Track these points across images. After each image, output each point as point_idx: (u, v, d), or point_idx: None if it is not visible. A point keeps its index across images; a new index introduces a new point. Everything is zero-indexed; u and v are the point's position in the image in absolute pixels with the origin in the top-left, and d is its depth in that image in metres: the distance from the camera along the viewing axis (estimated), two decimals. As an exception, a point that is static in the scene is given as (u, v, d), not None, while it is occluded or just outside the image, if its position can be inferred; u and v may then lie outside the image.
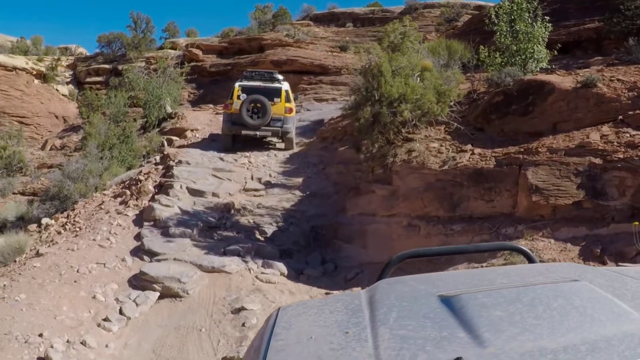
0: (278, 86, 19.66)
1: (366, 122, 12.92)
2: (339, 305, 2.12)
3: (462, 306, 1.84)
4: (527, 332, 1.64)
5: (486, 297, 1.90)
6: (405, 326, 1.77)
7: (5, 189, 24.18)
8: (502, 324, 1.69)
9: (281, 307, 2.27)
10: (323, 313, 2.06)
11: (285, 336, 1.89)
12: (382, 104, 12.70)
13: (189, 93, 36.08)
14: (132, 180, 17.26)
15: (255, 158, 18.77)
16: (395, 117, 12.66)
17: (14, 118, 40.34)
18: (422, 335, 1.69)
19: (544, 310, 1.76)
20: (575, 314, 1.72)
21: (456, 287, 2.08)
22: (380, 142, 13.05)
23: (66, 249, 12.40)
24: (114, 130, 23.60)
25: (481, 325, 1.69)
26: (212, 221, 13.80)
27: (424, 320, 1.80)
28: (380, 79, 12.89)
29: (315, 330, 1.89)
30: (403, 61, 13.44)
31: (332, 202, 14.98)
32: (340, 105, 28.24)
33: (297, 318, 2.07)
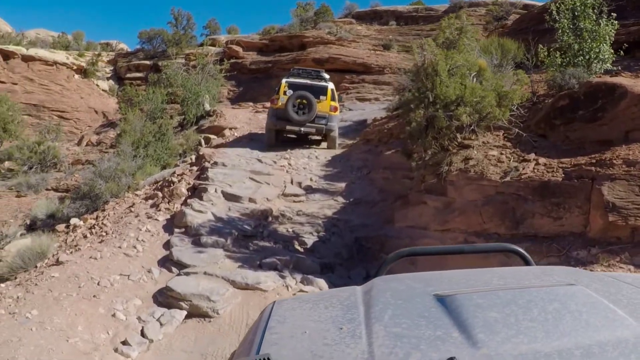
0: (324, 84, 19.25)
1: (419, 127, 11.57)
2: (334, 301, 2.09)
3: (457, 306, 1.81)
4: (522, 334, 1.62)
5: (482, 298, 1.86)
6: (400, 324, 1.75)
7: (38, 184, 23.28)
8: (497, 325, 1.67)
9: (276, 301, 2.23)
10: (318, 308, 2.03)
11: (280, 330, 1.87)
12: (437, 107, 11.33)
13: (228, 90, 35.09)
14: (165, 181, 16.11)
15: (296, 160, 17.51)
16: (451, 122, 11.28)
17: (54, 112, 39.98)
18: (416, 334, 1.67)
19: (539, 313, 1.74)
20: (570, 318, 1.70)
21: (452, 286, 2.04)
22: (434, 149, 11.69)
23: (89, 257, 11.25)
24: (150, 127, 22.50)
25: (476, 326, 1.67)
26: (248, 230, 12.54)
27: (419, 319, 1.78)
28: (435, 79, 11.54)
29: (310, 325, 1.87)
30: (459, 60, 12.03)
31: (378, 211, 13.64)
32: (384, 106, 27.57)
33: (291, 312, 2.04)
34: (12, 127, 25.57)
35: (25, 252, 12.40)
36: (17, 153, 24.93)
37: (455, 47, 12.95)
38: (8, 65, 39.89)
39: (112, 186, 17.10)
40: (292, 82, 19.07)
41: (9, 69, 39.76)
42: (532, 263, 2.87)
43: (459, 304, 1.82)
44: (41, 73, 41.15)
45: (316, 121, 18.44)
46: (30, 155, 24.58)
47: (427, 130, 11.56)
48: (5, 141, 26.31)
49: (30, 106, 39.92)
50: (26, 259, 12.26)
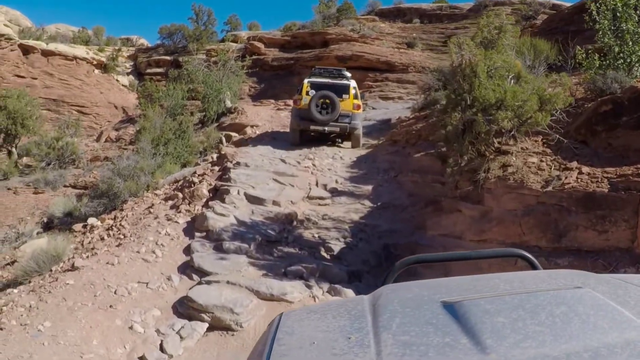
0: (346, 83, 18.98)
1: (455, 130, 10.85)
2: (342, 311, 2.03)
3: (465, 312, 1.77)
4: (530, 338, 1.59)
5: (489, 303, 1.82)
6: (408, 332, 1.72)
7: (56, 181, 22.84)
8: (505, 330, 1.64)
9: (284, 312, 2.19)
10: (326, 318, 1.98)
11: (288, 341, 1.84)
12: (476, 110, 10.61)
13: (249, 87, 34.50)
14: (185, 181, 15.49)
15: (320, 161, 16.84)
16: (491, 126, 10.55)
17: (73, 107, 39.64)
18: (424, 342, 1.64)
19: (546, 317, 1.70)
20: (577, 321, 1.67)
21: (459, 293, 1.99)
22: (471, 154, 10.97)
23: (105, 262, 10.65)
24: (170, 124, 21.91)
25: (484, 332, 1.63)
26: (272, 235, 11.89)
27: (427, 326, 1.74)
28: (473, 81, 10.81)
29: (318, 336, 1.83)
30: (498, 60, 11.29)
31: (407, 216, 12.94)
32: (408, 105, 27.06)
33: (299, 323, 2.00)
34: (30, 123, 25.08)
35: (40, 255, 11.84)
36: (35, 149, 24.49)
37: (493, 47, 12.16)
38: (28, 60, 39.54)
39: (131, 185, 16.55)
40: (314, 81, 18.85)
41: (28, 64, 39.41)
42: (539, 267, 2.85)
43: (467, 310, 1.79)
44: (61, 68, 40.79)
45: (340, 120, 18.19)
46: (48, 151, 24.14)
47: (463, 135, 10.84)
48: (23, 137, 25.85)
49: (50, 101, 39.57)
50: (41, 263, 11.70)
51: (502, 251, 3.62)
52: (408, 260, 2.84)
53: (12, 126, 24.68)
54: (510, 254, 3.26)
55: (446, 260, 4.07)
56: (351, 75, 20.52)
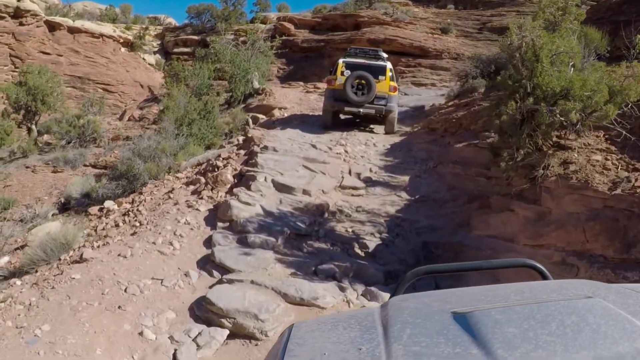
0: (383, 64, 17.95)
1: (512, 121, 9.49)
2: (353, 322, 2.01)
3: (476, 323, 1.75)
4: (541, 348, 1.58)
5: (499, 313, 1.81)
6: (419, 343, 1.70)
7: (76, 160, 21.77)
8: (516, 340, 1.63)
9: (294, 324, 2.14)
10: (336, 329, 1.96)
11: (299, 352, 1.82)
12: (537, 99, 9.25)
13: (278, 68, 33.25)
14: (208, 165, 14.27)
15: (352, 147, 15.53)
16: (554, 118, 9.18)
17: (99, 85, 38.92)
18: (435, 352, 1.63)
19: (557, 327, 1.68)
20: (588, 331, 1.65)
21: (469, 303, 1.96)
22: (528, 148, 9.61)
23: (117, 254, 9.47)
24: (195, 104, 20.68)
25: (494, 342, 1.63)
26: (302, 228, 10.63)
27: (438, 336, 1.72)
28: (535, 66, 9.43)
29: (329, 347, 1.81)
30: (561, 45, 9.86)
31: (448, 212, 11.61)
32: (441, 92, 26.12)
33: (310, 334, 1.97)
34: (51, 100, 24.00)
35: (48, 243, 10.75)
36: (55, 126, 23.41)
37: (555, 29, 10.71)
38: (54, 36, 38.71)
39: (151, 167, 15.42)
40: (349, 62, 17.86)
41: (54, 40, 38.58)
42: (549, 277, 2.75)
43: (477, 321, 1.76)
44: (87, 45, 39.94)
45: (375, 102, 17.27)
46: (69, 129, 23.06)
47: (522, 126, 9.48)
48: (44, 114, 24.77)
49: (75, 78, 38.80)
50: (48, 251, 10.62)
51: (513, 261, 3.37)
52: (419, 270, 2.74)
53: (32, 103, 23.61)
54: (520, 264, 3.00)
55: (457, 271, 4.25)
56: (387, 56, 19.44)
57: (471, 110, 15.30)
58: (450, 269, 3.91)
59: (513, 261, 3.38)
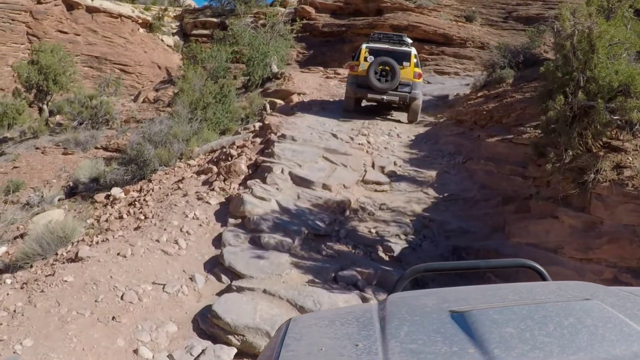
0: (407, 50, 17.07)
1: (562, 118, 8.30)
2: (350, 318, 1.99)
3: (473, 322, 1.73)
4: (537, 349, 1.56)
5: (497, 313, 1.78)
6: (416, 340, 1.68)
7: (87, 142, 20.78)
8: (513, 340, 1.60)
9: (292, 318, 2.13)
10: (334, 325, 1.94)
11: (296, 347, 1.79)
12: (592, 95, 8.05)
13: (297, 53, 32.01)
14: (222, 153, 13.18)
15: (375, 137, 14.37)
16: (612, 117, 7.98)
17: (116, 65, 38.04)
18: (432, 350, 1.61)
19: (554, 328, 1.66)
20: (586, 333, 1.63)
21: (467, 302, 1.95)
22: (578, 149, 8.42)
23: (116, 253, 8.41)
24: (211, 87, 19.56)
25: (492, 342, 1.60)
26: (321, 227, 9.51)
27: (435, 335, 1.70)
28: (591, 58, 8.23)
29: (326, 342, 1.79)
30: (617, 35, 8.61)
31: (480, 213, 10.44)
32: (465, 82, 24.90)
33: (308, 329, 1.95)
34: (63, 79, 22.93)
35: (45, 236, 9.74)
36: (67, 107, 22.38)
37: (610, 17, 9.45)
38: (72, 15, 37.75)
39: (162, 153, 14.37)
40: (372, 47, 17.00)
41: (72, 20, 37.61)
42: (548, 278, 2.69)
43: (475, 320, 1.73)
44: (105, 25, 38.95)
45: (399, 89, 16.50)
46: (81, 110, 22.02)
47: (573, 125, 8.29)
48: (56, 94, 23.71)
49: (92, 58, 37.88)
50: (45, 245, 9.63)
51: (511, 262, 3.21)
52: (417, 268, 2.67)
53: (44, 82, 22.56)
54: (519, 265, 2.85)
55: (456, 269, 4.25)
56: (412, 42, 18.42)
57: (503, 102, 14.07)
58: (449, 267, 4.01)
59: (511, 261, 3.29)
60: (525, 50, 19.39)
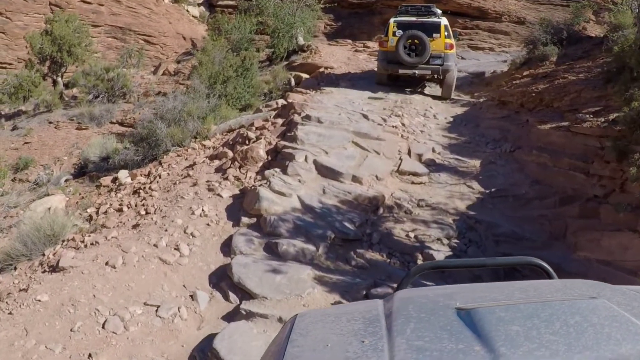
0: (436, 21, 15.92)
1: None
2: (356, 314, 1.94)
3: (480, 319, 1.68)
4: (544, 347, 1.51)
5: (504, 311, 1.73)
6: (422, 337, 1.63)
7: (102, 117, 19.21)
8: (519, 338, 1.56)
9: (298, 314, 2.07)
10: (340, 321, 1.89)
11: (302, 343, 1.76)
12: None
13: (325, 24, 30.02)
14: (239, 134, 11.49)
15: (410, 119, 12.56)
16: None
17: (140, 36, 36.37)
18: (438, 347, 1.57)
19: (560, 327, 1.61)
20: (592, 332, 1.58)
21: (474, 300, 1.88)
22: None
23: (105, 261, 6.84)
24: (232, 59, 17.82)
25: (498, 339, 1.55)
26: (350, 230, 7.84)
27: (441, 332, 1.66)
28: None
29: (332, 338, 1.75)
30: None
31: (535, 215, 8.63)
32: (500, 58, 22.93)
33: (314, 325, 1.91)
34: (78, 51, 21.28)
35: (30, 234, 8.18)
36: (82, 79, 20.77)
37: None
38: (95, -17, 36.08)
39: (175, 132, 12.75)
40: (400, 21, 16.03)
41: (95, -12, 35.96)
42: (554, 277, 2.57)
43: (481, 317, 1.68)
44: (129, -6, 37.28)
45: (431, 62, 15.42)
46: (96, 82, 20.38)
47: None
48: (71, 66, 22.11)
49: (116, 29, 36.24)
50: (30, 244, 8.06)
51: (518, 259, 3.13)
52: (424, 265, 2.63)
53: (58, 53, 20.94)
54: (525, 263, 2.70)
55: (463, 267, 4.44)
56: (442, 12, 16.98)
57: (554, 83, 12.17)
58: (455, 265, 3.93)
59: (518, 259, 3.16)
60: (569, 26, 17.56)
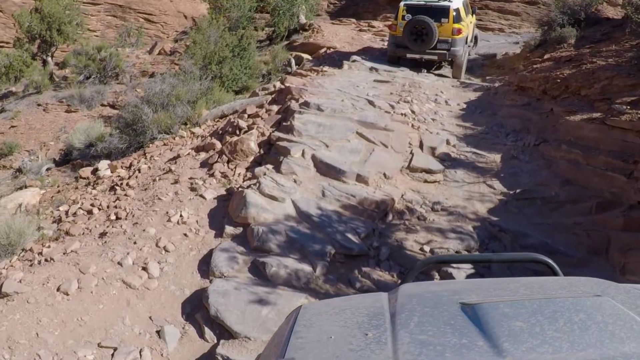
0: (445, 5, 15.11)
1: None
2: (361, 307, 1.93)
3: (483, 315, 1.66)
4: (547, 344, 1.50)
5: (508, 307, 1.71)
6: (426, 331, 1.62)
7: (93, 98, 17.80)
8: (522, 334, 1.55)
9: (303, 305, 2.05)
10: (344, 314, 1.87)
11: (305, 334, 1.74)
12: None
13: (328, 3, 28.44)
14: (229, 123, 10.03)
15: (420, 105, 11.05)
16: None
17: (140, 14, 34.97)
18: (441, 342, 1.55)
19: (564, 324, 1.60)
20: (595, 329, 1.56)
21: (478, 295, 1.88)
22: None
23: (56, 287, 5.45)
24: (229, 38, 16.31)
25: (501, 335, 1.54)
26: (354, 244, 6.40)
27: (445, 326, 1.64)
28: None
29: (335, 330, 1.74)
30: None
31: (568, 223, 7.13)
32: (511, 39, 21.53)
33: (318, 317, 1.89)
34: (69, 29, 19.73)
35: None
36: (73, 59, 19.28)
37: None
38: (94, -40, 34.49)
39: (162, 118, 11.37)
40: (410, 4, 15.37)
41: (94, -35, 34.37)
42: (559, 273, 2.54)
43: (485, 313, 1.66)
44: (128, -28, 35.69)
45: (438, 47, 14.83)
46: (87, 62, 18.90)
47: None
48: (62, 45, 20.58)
49: (116, 7, 34.75)
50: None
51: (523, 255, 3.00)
52: (429, 259, 2.62)
53: (47, 32, 19.42)
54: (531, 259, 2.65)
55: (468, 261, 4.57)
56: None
57: (582, 69, 10.62)
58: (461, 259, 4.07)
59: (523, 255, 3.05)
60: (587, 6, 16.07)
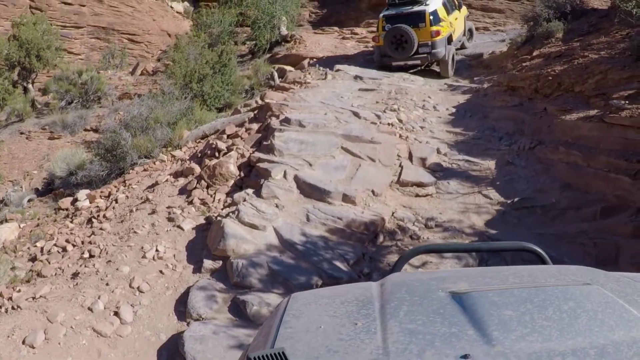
0: (421, 9, 15.23)
1: None
2: (350, 297, 1.86)
3: (473, 303, 1.62)
4: (536, 332, 1.46)
5: (497, 295, 1.67)
6: (415, 320, 1.58)
7: (75, 124, 17.20)
8: (512, 323, 1.51)
9: (292, 295, 1.97)
10: (333, 303, 1.81)
11: (295, 324, 1.69)
12: None
13: (309, 12, 27.88)
14: (208, 145, 9.47)
15: (407, 113, 10.53)
16: None
17: (123, 35, 34.37)
18: (431, 331, 1.52)
19: (554, 312, 1.56)
20: (585, 318, 1.52)
21: (468, 284, 1.82)
22: None
23: (22, 339, 4.89)
24: (208, 55, 15.76)
25: (490, 324, 1.50)
26: (342, 272, 5.83)
27: (434, 315, 1.60)
28: None
29: (325, 320, 1.68)
30: None
31: (572, 231, 6.63)
32: (497, 37, 20.70)
33: (307, 307, 1.82)
34: (48, 54, 19.10)
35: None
36: (54, 85, 18.69)
37: None
38: (75, -16, 33.98)
39: (142, 142, 10.78)
40: (388, 15, 15.65)
41: (75, -12, 33.85)
42: (548, 262, 2.48)
43: (475, 302, 1.62)
44: (110, -7, 35.19)
45: (420, 51, 15.03)
46: (68, 87, 18.31)
47: None
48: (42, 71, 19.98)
49: (99, 29, 34.17)
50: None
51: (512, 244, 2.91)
52: (418, 248, 2.54)
53: (26, 59, 18.82)
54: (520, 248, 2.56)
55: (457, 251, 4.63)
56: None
57: (574, 64, 10.12)
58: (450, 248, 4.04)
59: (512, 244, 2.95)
60: (572, -2, 15.57)
